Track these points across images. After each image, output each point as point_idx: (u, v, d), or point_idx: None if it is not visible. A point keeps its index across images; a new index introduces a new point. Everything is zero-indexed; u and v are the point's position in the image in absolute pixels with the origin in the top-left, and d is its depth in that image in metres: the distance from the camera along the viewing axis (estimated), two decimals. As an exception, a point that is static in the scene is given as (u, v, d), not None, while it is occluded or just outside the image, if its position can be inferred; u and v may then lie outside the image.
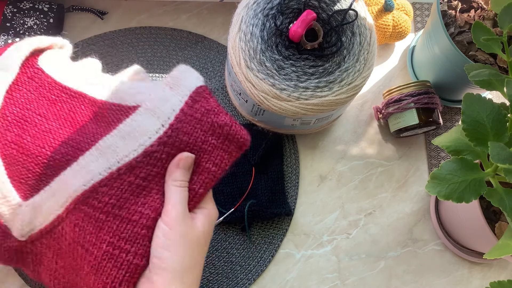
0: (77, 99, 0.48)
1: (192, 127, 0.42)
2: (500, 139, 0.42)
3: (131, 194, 0.41)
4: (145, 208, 0.41)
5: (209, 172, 0.42)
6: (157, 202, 0.41)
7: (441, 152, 0.67)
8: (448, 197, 0.40)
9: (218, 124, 0.42)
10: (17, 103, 0.46)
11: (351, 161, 0.65)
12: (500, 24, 0.48)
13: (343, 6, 0.56)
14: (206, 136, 0.42)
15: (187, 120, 0.42)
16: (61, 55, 0.52)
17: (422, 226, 0.63)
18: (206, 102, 0.43)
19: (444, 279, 0.61)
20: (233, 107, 0.65)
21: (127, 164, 0.41)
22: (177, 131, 0.42)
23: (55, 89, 0.48)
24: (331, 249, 0.62)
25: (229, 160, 0.43)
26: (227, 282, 0.58)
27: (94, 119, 0.46)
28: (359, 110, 0.68)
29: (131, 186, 0.41)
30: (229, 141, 0.43)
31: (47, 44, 0.51)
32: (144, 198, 0.41)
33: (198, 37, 0.68)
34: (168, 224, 0.40)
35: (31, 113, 0.46)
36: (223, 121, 0.42)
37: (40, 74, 0.48)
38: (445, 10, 0.58)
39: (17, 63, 0.47)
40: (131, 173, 0.41)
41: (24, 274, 0.56)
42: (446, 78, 0.62)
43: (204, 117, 0.42)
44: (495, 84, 0.46)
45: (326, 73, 0.54)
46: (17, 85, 0.47)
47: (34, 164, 0.44)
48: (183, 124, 0.42)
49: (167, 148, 0.42)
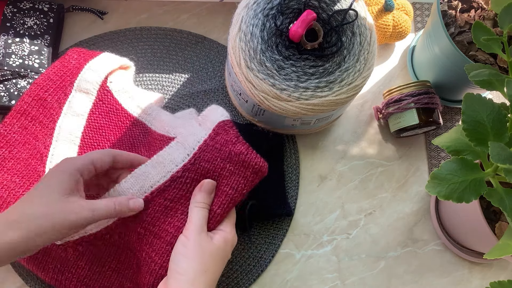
0: (137, 127, 0.57)
1: (212, 155, 0.48)
2: (500, 139, 0.42)
3: (161, 214, 0.48)
4: (170, 227, 0.48)
5: (226, 195, 0.48)
6: (181, 221, 0.48)
7: (441, 152, 0.67)
8: (448, 197, 0.40)
9: (235, 152, 0.48)
10: (93, 127, 0.56)
11: (351, 161, 0.65)
12: (500, 24, 0.48)
13: (343, 6, 0.56)
14: (224, 163, 0.48)
15: (208, 149, 0.49)
16: (127, 77, 0.60)
17: (422, 226, 0.63)
18: (226, 134, 0.49)
19: (444, 279, 0.61)
20: (233, 107, 0.65)
21: (157, 188, 0.48)
22: (199, 159, 0.49)
23: (121, 116, 0.57)
24: (331, 249, 0.62)
25: (246, 185, 0.48)
26: (227, 282, 0.58)
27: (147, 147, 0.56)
28: (359, 110, 0.68)
29: (161, 207, 0.48)
30: (245, 167, 0.48)
31: (118, 66, 0.59)
32: (171, 218, 0.48)
33: (198, 37, 0.68)
34: (186, 235, 0.46)
35: (102, 138, 0.56)
36: (239, 150, 0.48)
37: (109, 97, 0.57)
38: (445, 10, 0.58)
39: (95, 88, 0.57)
40: (161, 195, 0.48)
41: (24, 274, 0.56)
42: (446, 78, 0.62)
43: (223, 147, 0.48)
44: (495, 84, 0.46)
45: (326, 73, 0.54)
46: (93, 109, 0.57)
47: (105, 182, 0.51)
48: (205, 153, 0.49)
49: (191, 174, 0.49)
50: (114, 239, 0.50)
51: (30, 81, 0.59)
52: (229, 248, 0.48)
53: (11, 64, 0.59)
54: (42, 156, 0.53)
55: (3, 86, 0.59)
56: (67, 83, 0.56)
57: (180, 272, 0.44)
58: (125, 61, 0.60)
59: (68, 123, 0.55)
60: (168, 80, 0.66)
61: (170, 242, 0.47)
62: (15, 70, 0.59)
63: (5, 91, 0.59)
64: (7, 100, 0.58)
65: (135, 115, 0.58)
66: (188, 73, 0.66)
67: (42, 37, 0.62)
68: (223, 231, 0.48)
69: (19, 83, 0.59)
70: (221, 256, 0.47)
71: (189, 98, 0.65)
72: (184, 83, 0.66)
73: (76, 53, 0.58)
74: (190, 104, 0.65)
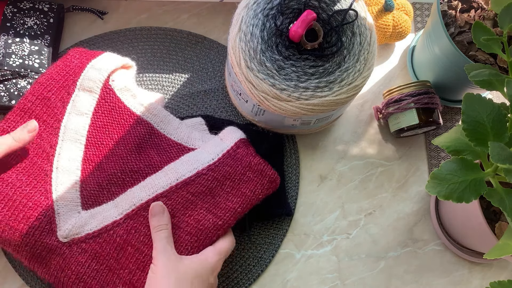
0: (142, 126, 0.58)
1: (234, 162, 0.55)
2: (500, 139, 0.42)
3: (182, 206, 0.53)
4: (190, 219, 0.52)
5: (245, 196, 0.54)
6: (200, 215, 0.52)
7: (441, 152, 0.67)
8: (448, 197, 0.40)
9: (254, 163, 0.55)
10: (97, 126, 0.57)
11: (351, 161, 0.65)
12: (500, 24, 0.48)
13: (343, 6, 0.56)
14: (245, 170, 0.54)
15: (231, 157, 0.55)
16: (129, 76, 0.61)
17: (422, 226, 0.63)
18: (247, 149, 0.56)
19: (444, 279, 0.61)
20: (233, 107, 0.65)
21: (183, 181, 0.53)
22: (223, 164, 0.54)
23: (124, 114, 0.58)
24: (331, 249, 0.62)
25: (262, 191, 0.55)
26: (227, 282, 0.58)
27: (157, 150, 0.58)
28: (359, 110, 0.68)
29: (182, 199, 0.53)
30: (262, 176, 0.55)
31: (120, 65, 0.60)
32: (191, 211, 0.53)
33: (198, 37, 0.68)
34: (154, 262, 0.48)
35: (106, 137, 0.57)
36: (258, 161, 0.55)
37: (112, 96, 0.58)
38: (445, 10, 0.58)
39: (99, 86, 0.57)
40: (185, 188, 0.53)
41: (24, 274, 0.56)
42: (446, 78, 0.62)
43: (244, 157, 0.55)
44: (495, 84, 0.46)
45: (326, 73, 0.54)
46: (97, 108, 0.57)
47: (106, 181, 0.55)
48: (228, 159, 0.55)
49: (214, 173, 0.54)
50: (117, 235, 0.51)
51: (31, 81, 0.60)
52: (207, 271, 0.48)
53: (11, 64, 0.59)
54: (49, 155, 0.54)
55: (3, 86, 0.59)
56: (70, 82, 0.56)
57: None
58: (127, 61, 0.60)
59: (73, 122, 0.56)
60: (168, 80, 0.66)
61: (190, 232, 0.51)
62: (15, 70, 0.59)
63: (5, 91, 0.59)
64: (7, 100, 0.58)
65: (138, 113, 0.58)
66: (188, 73, 0.66)
67: (42, 37, 0.62)
68: (203, 254, 0.50)
69: (19, 83, 0.59)
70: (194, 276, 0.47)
71: (189, 98, 0.65)
72: (184, 83, 0.66)
73: (77, 53, 0.58)
74: (190, 104, 0.65)
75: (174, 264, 0.47)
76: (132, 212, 0.52)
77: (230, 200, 0.53)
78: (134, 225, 0.52)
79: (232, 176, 0.54)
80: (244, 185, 0.54)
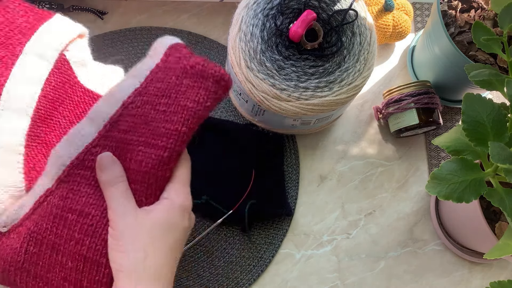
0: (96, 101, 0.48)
1: (166, 74, 0.43)
2: (500, 139, 0.42)
3: (120, 151, 0.42)
4: (132, 163, 0.42)
5: (187, 109, 0.41)
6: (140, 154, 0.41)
7: (441, 152, 0.67)
8: (448, 197, 0.40)
9: (190, 65, 0.42)
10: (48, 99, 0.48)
11: (351, 161, 0.65)
12: (500, 24, 0.48)
13: (343, 6, 0.56)
14: (180, 79, 0.42)
15: (161, 70, 0.43)
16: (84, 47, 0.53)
17: (422, 226, 0.63)
18: (179, 53, 0.43)
19: (444, 279, 0.61)
20: (233, 107, 0.65)
21: (110, 120, 0.43)
22: (152, 81, 0.43)
23: (79, 91, 0.50)
24: (331, 249, 0.62)
25: (208, 96, 0.42)
26: (227, 282, 0.58)
27: None
28: (359, 110, 0.68)
29: (117, 142, 0.43)
30: (204, 78, 0.42)
31: (77, 35, 0.51)
32: (130, 153, 0.42)
33: (198, 37, 0.68)
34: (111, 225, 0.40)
35: (57, 113, 0.48)
36: (194, 61, 0.42)
37: (67, 68, 0.49)
38: (445, 10, 0.58)
39: (54, 56, 0.48)
40: (115, 128, 0.43)
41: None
42: (446, 78, 0.62)
43: (176, 64, 0.43)
44: (495, 84, 0.46)
45: (326, 73, 0.54)
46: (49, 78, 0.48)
47: None
48: (157, 74, 0.43)
49: (143, 97, 0.43)
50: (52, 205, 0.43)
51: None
52: (178, 215, 0.40)
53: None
54: None
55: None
56: (14, 41, 0.46)
57: (118, 269, 0.38)
58: (83, 29, 0.52)
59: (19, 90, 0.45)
60: (168, 80, 0.66)
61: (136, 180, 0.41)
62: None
63: None
64: None
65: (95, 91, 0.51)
66: (188, 73, 0.66)
67: (42, 37, 0.62)
68: (166, 198, 0.41)
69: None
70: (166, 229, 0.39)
71: (189, 98, 0.65)
72: (184, 83, 0.66)
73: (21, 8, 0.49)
74: (190, 104, 0.65)
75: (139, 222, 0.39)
76: (63, 174, 0.43)
77: (169, 121, 0.42)
78: (71, 187, 0.42)
79: (166, 92, 0.42)
80: (183, 96, 0.42)
